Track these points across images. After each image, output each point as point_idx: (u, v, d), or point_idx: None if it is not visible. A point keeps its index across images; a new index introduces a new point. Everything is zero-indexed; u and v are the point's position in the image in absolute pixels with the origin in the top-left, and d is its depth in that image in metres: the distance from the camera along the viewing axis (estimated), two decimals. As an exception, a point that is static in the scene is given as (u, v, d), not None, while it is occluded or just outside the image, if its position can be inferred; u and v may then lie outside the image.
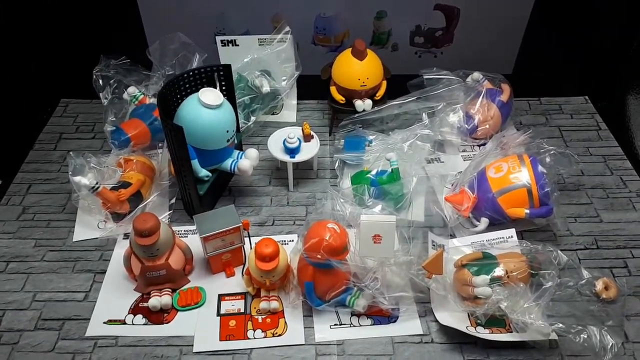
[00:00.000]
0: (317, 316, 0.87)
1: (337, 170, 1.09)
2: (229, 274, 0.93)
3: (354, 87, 1.11)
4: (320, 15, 1.26)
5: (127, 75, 1.15)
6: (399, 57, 1.32)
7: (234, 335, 0.85)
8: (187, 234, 0.99)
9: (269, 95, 1.19)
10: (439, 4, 1.24)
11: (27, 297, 0.90)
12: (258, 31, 1.21)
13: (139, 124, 1.09)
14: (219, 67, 0.98)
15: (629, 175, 1.12)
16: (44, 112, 1.26)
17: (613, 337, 0.79)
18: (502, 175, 0.95)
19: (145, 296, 0.89)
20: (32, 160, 1.15)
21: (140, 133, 1.09)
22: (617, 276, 0.93)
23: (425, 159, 1.11)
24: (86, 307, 0.88)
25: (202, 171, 0.97)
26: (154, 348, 0.83)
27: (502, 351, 0.83)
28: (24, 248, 0.97)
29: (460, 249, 0.92)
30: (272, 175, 1.12)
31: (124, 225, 0.98)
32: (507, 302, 0.81)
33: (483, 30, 1.28)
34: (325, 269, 0.82)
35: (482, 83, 1.14)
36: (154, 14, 1.24)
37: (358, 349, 0.83)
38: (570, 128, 1.23)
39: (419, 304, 0.88)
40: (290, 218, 1.03)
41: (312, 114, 1.26)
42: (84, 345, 0.83)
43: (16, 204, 1.05)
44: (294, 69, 1.20)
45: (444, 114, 1.12)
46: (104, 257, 0.96)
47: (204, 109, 0.92)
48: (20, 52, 1.20)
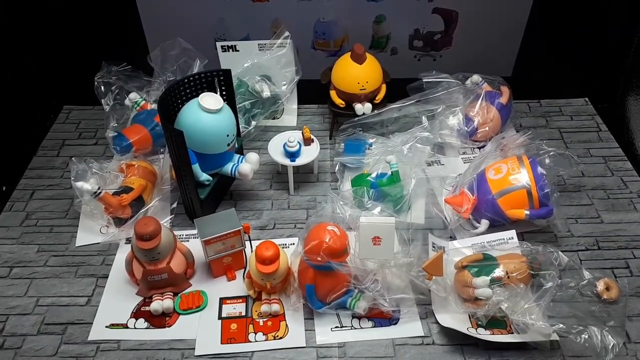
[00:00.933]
0: (318, 319, 0.87)
1: (338, 173, 1.09)
2: (230, 277, 0.93)
3: (353, 90, 1.12)
4: (320, 20, 1.27)
5: (129, 81, 1.16)
6: (398, 61, 1.33)
7: (236, 339, 0.85)
8: (188, 238, 1.00)
9: (270, 100, 1.20)
10: (437, 8, 1.25)
11: (30, 302, 0.91)
12: (258, 36, 1.22)
13: (141, 129, 1.10)
14: (218, 72, 0.99)
15: (630, 176, 1.12)
16: (47, 119, 1.27)
17: (614, 338, 0.78)
18: (502, 176, 0.95)
19: (147, 300, 0.90)
20: (35, 166, 1.16)
21: (142, 139, 1.10)
22: (618, 277, 0.93)
23: (425, 162, 1.11)
24: (89, 312, 0.89)
25: (202, 175, 0.97)
26: (156, 352, 0.84)
27: (504, 352, 0.83)
28: (27, 253, 0.98)
29: (461, 251, 0.92)
30: (272, 179, 1.12)
31: (125, 229, 0.99)
32: (508, 303, 0.81)
33: (482, 33, 1.28)
34: (326, 272, 0.83)
35: (482, 86, 1.15)
36: (155, 21, 1.25)
37: (359, 351, 0.83)
38: (571, 130, 1.23)
39: (420, 305, 0.88)
40: (291, 221, 1.03)
41: (312, 118, 1.27)
42: (86, 350, 0.84)
43: (19, 210, 1.06)
44: (294, 73, 1.21)
45: (444, 117, 1.12)
46: (106, 261, 0.97)
47: (204, 114, 0.92)
48: (22, 59, 1.21)
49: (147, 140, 1.11)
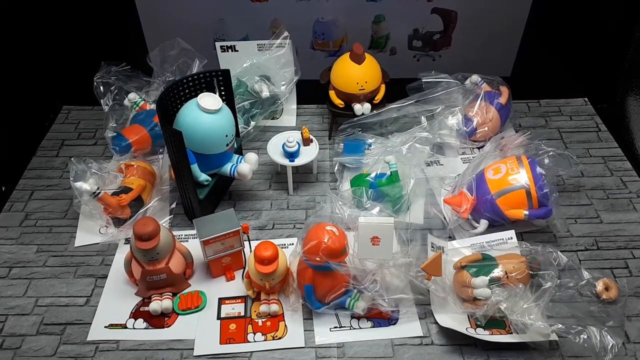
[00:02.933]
0: (317, 319, 0.87)
1: (337, 173, 1.09)
2: (229, 277, 0.93)
3: (352, 91, 1.11)
4: (319, 20, 1.27)
5: (128, 81, 1.16)
6: (397, 61, 1.33)
7: (235, 339, 0.85)
8: (187, 238, 1.00)
9: (269, 100, 1.20)
10: (436, 8, 1.25)
11: (29, 302, 0.91)
12: (257, 37, 1.21)
13: (140, 129, 1.10)
14: (217, 72, 0.99)
15: (629, 176, 1.12)
16: (46, 119, 1.27)
17: (614, 338, 0.78)
18: (501, 176, 0.95)
19: (146, 300, 0.90)
20: (34, 166, 1.16)
21: (141, 139, 1.10)
22: (617, 277, 0.93)
23: (424, 162, 1.11)
24: (88, 312, 0.89)
25: (201, 175, 0.97)
26: (155, 352, 0.84)
27: (503, 352, 0.82)
28: (26, 254, 0.98)
29: (460, 251, 0.92)
30: (272, 179, 1.12)
31: (125, 230, 0.99)
32: (507, 303, 0.81)
33: (481, 33, 1.28)
34: (325, 272, 0.83)
35: (481, 86, 1.15)
36: (154, 21, 1.25)
37: (358, 352, 0.83)
38: (570, 130, 1.23)
39: (419, 306, 0.88)
40: (290, 222, 1.03)
41: (311, 118, 1.27)
42: (85, 350, 0.84)
43: (19, 210, 1.06)
44: (293, 73, 1.20)
45: (443, 117, 1.12)
46: (105, 262, 0.97)
47: (203, 114, 0.92)
48: (22, 60, 1.21)
49: (146, 141, 1.11)
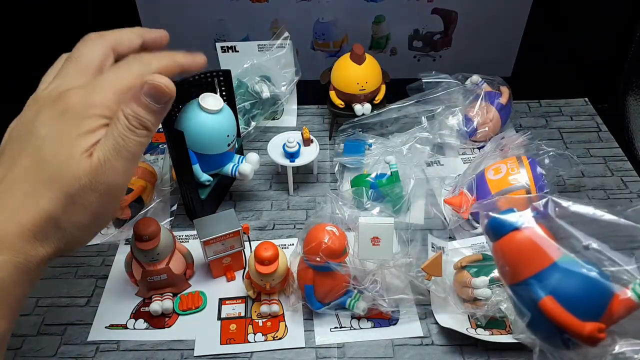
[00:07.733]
0: (317, 319, 0.87)
1: (337, 174, 1.09)
2: (230, 278, 0.93)
3: (352, 91, 1.12)
4: (319, 20, 1.27)
5: (129, 82, 1.16)
6: (397, 61, 1.33)
7: (235, 339, 0.85)
8: (188, 238, 1.00)
9: (269, 101, 1.20)
10: (436, 8, 1.25)
11: (30, 303, 0.90)
12: (257, 37, 1.22)
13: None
14: (218, 73, 0.99)
15: (630, 176, 1.12)
16: (47, 120, 1.27)
17: (614, 337, 0.78)
18: (501, 176, 0.95)
19: (147, 301, 0.90)
20: (35, 167, 1.16)
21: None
22: (618, 277, 0.93)
23: (424, 162, 1.11)
24: (88, 312, 0.89)
25: (203, 176, 0.97)
26: (155, 352, 0.84)
27: (503, 352, 0.82)
28: (27, 254, 0.98)
29: (460, 251, 0.93)
30: (272, 180, 1.12)
31: (125, 230, 0.99)
32: (507, 304, 0.81)
33: (481, 33, 1.28)
34: (325, 272, 0.83)
35: (481, 86, 1.15)
36: (154, 21, 1.25)
37: (358, 352, 0.83)
38: (571, 130, 1.23)
39: (419, 306, 0.88)
40: (291, 222, 1.03)
41: (312, 118, 1.27)
42: (86, 350, 0.84)
43: (19, 211, 1.06)
44: (294, 74, 1.21)
45: (443, 117, 1.12)
46: (105, 262, 0.97)
47: (204, 114, 0.92)
48: (22, 60, 1.21)
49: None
